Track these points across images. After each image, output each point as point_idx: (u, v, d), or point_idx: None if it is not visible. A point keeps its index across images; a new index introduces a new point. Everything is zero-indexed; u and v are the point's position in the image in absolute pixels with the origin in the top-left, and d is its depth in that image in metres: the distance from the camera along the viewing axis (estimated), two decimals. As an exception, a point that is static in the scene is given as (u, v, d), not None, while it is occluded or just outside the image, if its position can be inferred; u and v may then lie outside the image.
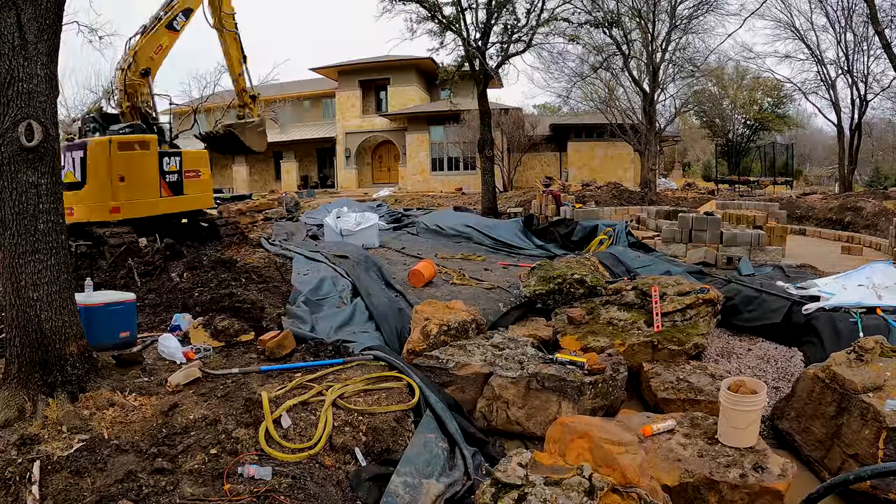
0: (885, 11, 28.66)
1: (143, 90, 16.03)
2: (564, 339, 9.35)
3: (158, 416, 5.63)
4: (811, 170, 64.97)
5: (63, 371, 5.83)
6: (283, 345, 7.60)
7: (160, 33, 16.16)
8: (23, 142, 5.54)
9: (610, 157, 43.50)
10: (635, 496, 4.69)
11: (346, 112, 47.61)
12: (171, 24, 16.33)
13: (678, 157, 67.13)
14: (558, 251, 16.63)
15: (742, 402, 5.88)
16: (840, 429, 6.42)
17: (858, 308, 9.11)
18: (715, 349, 9.59)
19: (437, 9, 24.74)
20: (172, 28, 16.41)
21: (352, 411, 6.11)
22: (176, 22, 16.43)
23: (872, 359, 6.94)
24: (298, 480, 4.87)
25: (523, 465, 4.89)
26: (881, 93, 35.44)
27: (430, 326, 8.62)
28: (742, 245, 14.43)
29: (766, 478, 5.43)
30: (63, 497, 4.36)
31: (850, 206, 24.53)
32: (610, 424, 6.21)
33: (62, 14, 5.97)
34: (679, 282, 10.27)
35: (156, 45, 16.16)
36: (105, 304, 7.41)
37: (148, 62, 16.02)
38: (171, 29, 16.38)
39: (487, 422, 7.55)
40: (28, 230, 5.70)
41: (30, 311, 5.71)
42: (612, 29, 27.29)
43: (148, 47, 15.98)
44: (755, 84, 51.17)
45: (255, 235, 18.90)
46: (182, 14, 16.59)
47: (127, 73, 15.68)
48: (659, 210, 21.10)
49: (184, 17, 16.66)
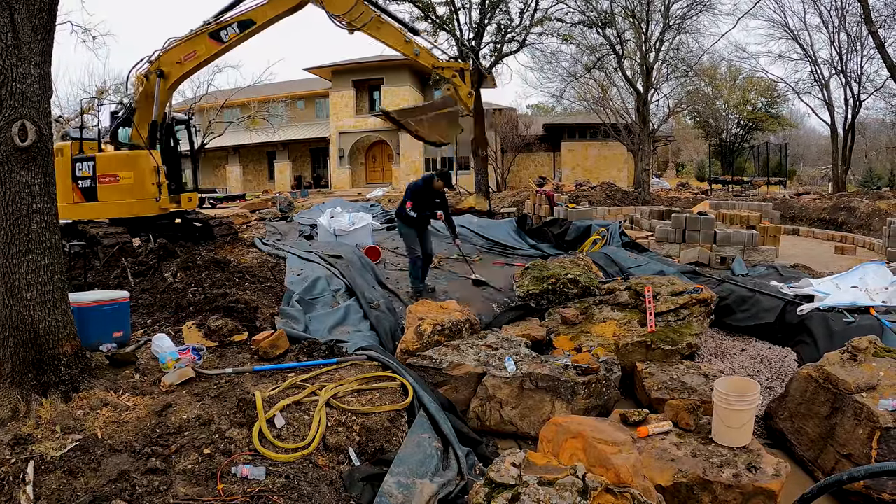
0: (878, 11, 28.81)
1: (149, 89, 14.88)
2: (558, 339, 9.36)
3: (152, 416, 5.62)
4: (805, 170, 65.12)
5: (57, 371, 5.81)
6: (277, 345, 7.59)
7: (199, 40, 14.65)
8: (16, 142, 5.52)
9: (603, 157, 43.62)
10: (629, 496, 4.69)
11: (340, 112, 47.63)
12: (218, 33, 14.51)
13: (672, 157, 67.24)
14: (552, 251, 16.66)
15: (736, 402, 5.90)
16: (834, 429, 6.44)
17: (852, 308, 9.13)
18: (708, 349, 9.60)
19: (431, 8, 24.77)
20: (218, 38, 14.55)
21: (345, 411, 6.11)
22: (224, 32, 14.49)
23: (866, 359, 6.96)
24: (292, 480, 4.87)
25: (517, 464, 4.89)
26: (875, 93, 35.66)
27: (424, 326, 8.63)
28: (735, 245, 14.45)
29: (759, 478, 5.45)
30: (57, 497, 4.36)
31: (844, 206, 24.58)
32: (604, 424, 6.21)
33: (56, 14, 5.95)
34: (672, 282, 10.29)
35: (189, 50, 14.69)
36: (98, 304, 7.39)
37: (170, 66, 14.77)
38: (215, 38, 14.57)
39: (481, 422, 7.56)
40: (21, 230, 5.68)
41: (23, 311, 5.70)
42: (606, 29, 27.37)
43: (178, 51, 14.70)
44: (749, 84, 51.32)
45: (249, 235, 18.90)
46: (237, 26, 14.44)
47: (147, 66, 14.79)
48: (652, 210, 21.11)
49: (237, 30, 14.46)
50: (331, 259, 12.50)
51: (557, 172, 44.09)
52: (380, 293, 11.68)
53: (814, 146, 70.81)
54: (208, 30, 14.47)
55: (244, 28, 14.33)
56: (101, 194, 15.29)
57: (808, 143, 71.75)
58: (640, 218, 20.08)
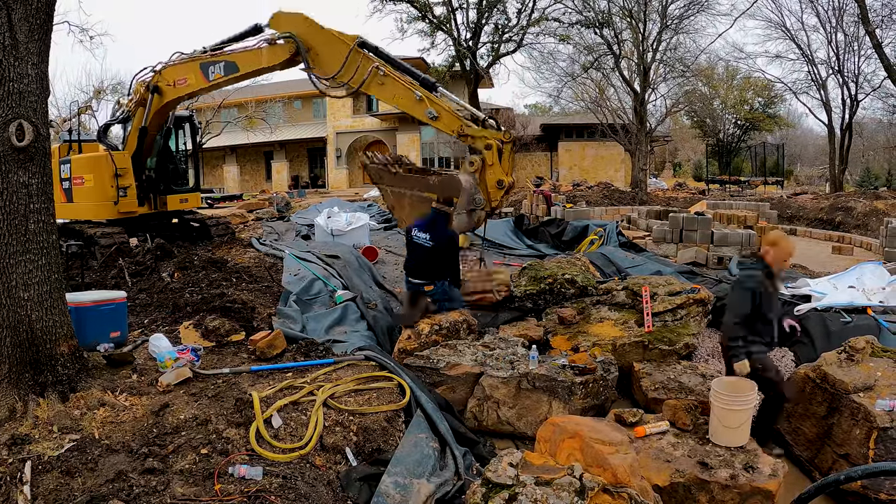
0: (875, 11, 28.83)
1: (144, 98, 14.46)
2: (555, 339, 9.35)
3: (149, 416, 5.62)
4: (802, 170, 65.13)
5: (54, 371, 5.81)
6: (274, 345, 7.58)
7: (191, 67, 13.71)
8: (13, 142, 5.52)
9: (601, 157, 43.63)
10: (626, 496, 4.69)
11: (337, 112, 47.61)
12: (206, 68, 13.52)
13: (669, 157, 67.36)
14: (549, 251, 16.64)
15: (733, 402, 5.90)
16: (831, 429, 6.45)
17: (849, 308, 9.13)
18: (706, 349, 9.59)
19: (428, 9, 24.78)
20: (206, 73, 13.56)
21: (342, 411, 6.10)
22: (211, 69, 13.45)
23: (863, 359, 6.97)
24: (289, 480, 4.87)
25: (514, 464, 4.89)
26: (872, 93, 35.68)
27: (422, 326, 8.64)
28: (733, 245, 14.47)
29: (756, 478, 5.45)
30: (54, 497, 4.35)
31: (841, 205, 24.63)
32: (601, 424, 6.21)
33: (53, 14, 5.95)
34: (670, 282, 10.29)
35: (182, 75, 13.91)
36: (96, 304, 7.38)
37: (165, 86, 14.16)
38: (203, 72, 13.59)
39: (478, 422, 7.56)
40: (19, 230, 5.68)
41: (21, 311, 5.69)
42: (603, 29, 27.40)
43: (174, 72, 14.00)
44: (746, 84, 51.35)
45: (246, 235, 18.89)
46: (223, 67, 13.35)
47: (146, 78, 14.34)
48: (650, 210, 21.14)
49: (222, 72, 13.37)
50: (328, 259, 12.49)
51: (555, 172, 44.10)
52: (377, 293, 11.69)
53: (811, 146, 70.88)
54: (200, 60, 13.55)
55: (229, 71, 13.28)
56: (74, 195, 15.64)
57: (806, 143, 71.80)
58: (638, 218, 20.11)
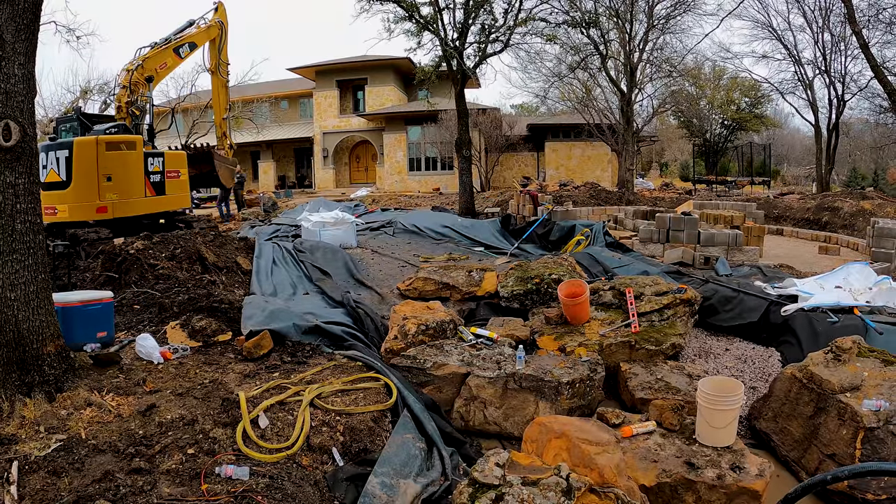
0: (862, 11, 28.87)
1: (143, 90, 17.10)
2: (542, 340, 9.37)
3: (136, 416, 5.61)
4: (789, 170, 65.32)
5: (40, 371, 5.80)
6: (261, 344, 7.59)
7: (166, 54, 18.31)
8: (0, 142, 5.50)
9: (587, 157, 43.62)
10: (612, 496, 4.71)
11: (324, 112, 47.46)
12: (178, 50, 18.77)
13: (655, 157, 67.44)
14: (536, 251, 16.67)
15: (720, 402, 5.93)
16: (818, 429, 6.48)
17: (836, 308, 9.18)
18: (692, 349, 9.62)
19: (415, 9, 24.67)
20: (178, 54, 18.79)
21: (329, 411, 6.11)
22: (182, 49, 18.92)
23: (850, 359, 7.01)
24: (276, 480, 4.87)
25: (501, 465, 4.90)
26: (858, 93, 35.75)
27: (409, 326, 8.64)
28: (719, 245, 14.52)
29: (743, 478, 5.48)
30: (41, 497, 4.34)
31: (828, 206, 24.75)
32: (587, 424, 6.24)
33: (40, 14, 5.93)
34: (656, 282, 10.31)
35: (161, 61, 18.11)
36: (82, 304, 7.36)
37: (152, 72, 17.64)
38: (176, 54, 18.70)
39: (465, 422, 7.57)
40: (5, 230, 5.66)
41: (7, 311, 5.67)
42: (590, 29, 27.40)
43: (155, 60, 17.82)
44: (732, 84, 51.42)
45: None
46: (188, 45, 19.25)
47: (133, 73, 16.84)
48: (636, 210, 21.20)
49: (188, 49, 19.29)
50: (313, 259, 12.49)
51: (541, 172, 44.08)
52: (364, 292, 11.68)
53: (798, 146, 71.02)
54: (174, 45, 18.59)
55: (192, 48, 19.47)
56: (168, 189, 17.01)
57: (793, 143, 71.94)
58: (624, 218, 20.17)
